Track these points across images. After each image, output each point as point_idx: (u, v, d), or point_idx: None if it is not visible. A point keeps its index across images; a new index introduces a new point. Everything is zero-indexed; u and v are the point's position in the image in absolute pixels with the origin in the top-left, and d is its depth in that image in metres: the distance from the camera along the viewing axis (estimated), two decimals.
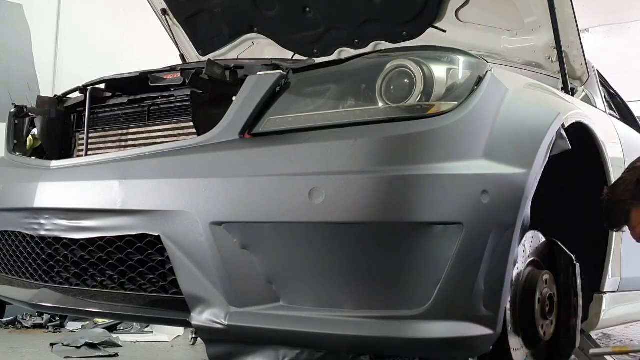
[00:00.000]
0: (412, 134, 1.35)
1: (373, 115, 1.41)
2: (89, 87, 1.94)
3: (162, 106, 1.79)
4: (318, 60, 1.70)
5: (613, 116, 2.71)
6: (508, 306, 1.61)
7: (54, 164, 1.78)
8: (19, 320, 3.57)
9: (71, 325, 3.57)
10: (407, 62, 1.43)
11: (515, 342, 1.66)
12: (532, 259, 1.78)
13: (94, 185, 1.61)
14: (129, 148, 1.82)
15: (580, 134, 1.92)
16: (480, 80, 1.47)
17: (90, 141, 1.92)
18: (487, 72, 1.50)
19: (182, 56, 3.28)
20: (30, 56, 4.61)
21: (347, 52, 2.91)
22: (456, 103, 1.40)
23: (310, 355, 1.40)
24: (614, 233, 2.09)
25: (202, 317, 1.43)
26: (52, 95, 2.17)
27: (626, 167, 2.12)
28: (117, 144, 1.87)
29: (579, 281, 1.83)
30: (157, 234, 1.50)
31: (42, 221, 1.69)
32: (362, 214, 1.31)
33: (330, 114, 1.44)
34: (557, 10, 2.17)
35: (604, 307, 2.14)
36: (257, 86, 1.52)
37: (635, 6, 7.09)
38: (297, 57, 3.01)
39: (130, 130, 1.84)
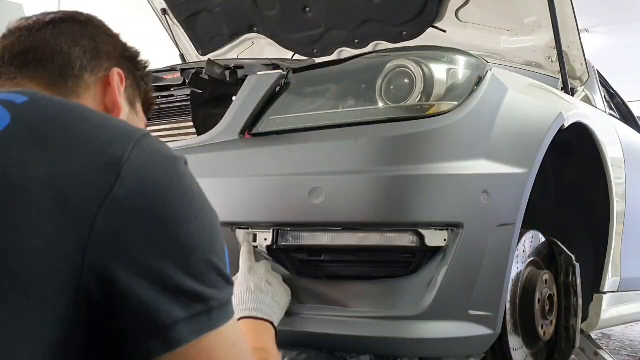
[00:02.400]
0: (412, 134, 1.35)
1: (373, 115, 1.41)
2: None
3: (162, 106, 1.79)
4: (318, 60, 1.70)
5: (613, 116, 2.71)
6: (508, 306, 1.61)
7: None
8: None
9: None
10: (407, 62, 1.43)
11: (515, 342, 1.66)
12: (532, 259, 1.78)
13: None
14: None
15: (580, 134, 1.92)
16: (480, 80, 1.47)
17: None
18: (487, 72, 1.50)
19: (182, 56, 3.28)
20: None
21: (347, 52, 2.91)
22: (456, 103, 1.40)
23: (310, 356, 1.40)
24: (614, 233, 2.09)
25: None
26: None
27: (625, 166, 2.13)
28: None
29: (579, 281, 1.83)
30: None
31: None
32: (362, 214, 1.31)
33: (330, 114, 1.44)
34: (557, 10, 2.17)
35: (604, 307, 2.14)
36: (257, 86, 1.52)
37: (636, 6, 7.08)
38: (297, 57, 3.01)
39: None
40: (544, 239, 1.86)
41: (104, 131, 0.68)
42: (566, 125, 1.73)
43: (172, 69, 1.77)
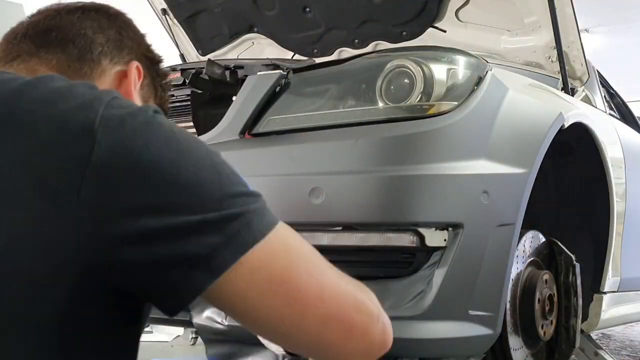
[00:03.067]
0: (412, 134, 1.35)
1: (373, 115, 1.41)
2: None
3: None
4: (318, 60, 1.70)
5: (613, 116, 2.71)
6: (508, 306, 1.61)
7: None
8: None
9: None
10: (407, 62, 1.43)
11: (515, 342, 1.66)
12: (532, 259, 1.78)
13: None
14: None
15: (580, 134, 1.92)
16: (480, 80, 1.47)
17: None
18: (487, 72, 1.49)
19: (182, 56, 3.28)
20: None
21: (347, 52, 2.91)
22: (456, 103, 1.40)
23: None
24: (614, 233, 2.09)
25: (202, 316, 1.43)
26: None
27: (625, 166, 2.13)
28: None
29: (579, 281, 1.83)
30: None
31: None
32: (362, 214, 1.31)
33: (330, 114, 1.44)
34: (557, 10, 2.17)
35: (604, 307, 2.14)
36: (257, 86, 1.52)
37: (636, 6, 7.08)
38: (297, 57, 3.01)
39: None
40: (544, 239, 1.86)
41: (72, 99, 0.64)
42: (566, 125, 1.73)
43: (172, 69, 1.77)
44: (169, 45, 3.30)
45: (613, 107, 2.95)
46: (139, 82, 0.88)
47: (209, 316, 1.42)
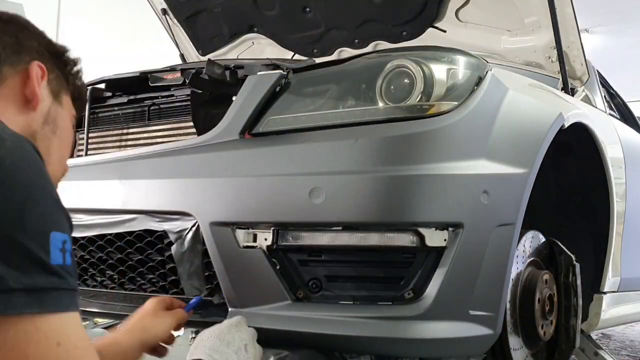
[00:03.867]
0: (412, 134, 1.35)
1: (373, 115, 1.41)
2: (88, 87, 1.94)
3: (162, 106, 1.79)
4: (318, 60, 1.70)
5: (613, 116, 2.71)
6: (508, 306, 1.61)
7: None
8: None
9: None
10: (407, 62, 1.43)
11: (515, 342, 1.66)
12: (532, 259, 1.78)
13: (94, 185, 1.61)
14: (129, 148, 1.82)
15: (580, 134, 1.92)
16: (480, 80, 1.47)
17: (90, 141, 1.92)
18: (487, 72, 1.50)
19: (182, 56, 3.28)
20: None
21: (347, 52, 2.91)
22: (456, 103, 1.40)
23: (306, 357, 1.40)
24: (614, 233, 2.09)
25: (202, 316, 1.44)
26: None
27: (625, 166, 2.13)
28: (117, 143, 1.87)
29: (579, 281, 1.83)
30: (158, 233, 1.51)
31: None
32: (362, 214, 1.31)
33: (330, 114, 1.44)
34: (557, 10, 2.17)
35: (604, 307, 2.14)
36: (257, 86, 1.52)
37: (636, 6, 7.09)
38: (297, 57, 3.01)
39: (130, 130, 1.84)
40: (544, 239, 1.86)
41: None
42: (566, 125, 1.73)
43: (172, 69, 1.77)
44: (169, 45, 3.30)
45: (613, 107, 2.95)
46: (44, 79, 0.94)
47: (210, 316, 1.43)
